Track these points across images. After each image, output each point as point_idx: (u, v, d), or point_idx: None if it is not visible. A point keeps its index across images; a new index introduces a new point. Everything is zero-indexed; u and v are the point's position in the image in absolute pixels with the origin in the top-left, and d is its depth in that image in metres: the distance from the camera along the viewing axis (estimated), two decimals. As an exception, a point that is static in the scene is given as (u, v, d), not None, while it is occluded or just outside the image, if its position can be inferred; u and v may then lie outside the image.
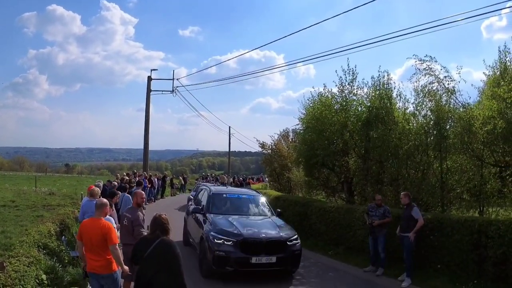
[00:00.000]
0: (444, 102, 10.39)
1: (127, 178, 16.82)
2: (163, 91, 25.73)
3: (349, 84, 12.88)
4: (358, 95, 12.94)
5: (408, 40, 23.56)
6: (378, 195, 9.41)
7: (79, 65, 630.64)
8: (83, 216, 7.63)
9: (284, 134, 25.91)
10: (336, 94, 13.30)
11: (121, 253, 5.00)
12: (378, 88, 12.18)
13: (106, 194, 9.70)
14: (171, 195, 26.54)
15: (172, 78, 25.78)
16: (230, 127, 49.48)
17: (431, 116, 10.67)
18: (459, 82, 10.15)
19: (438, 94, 10.43)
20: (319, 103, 13.46)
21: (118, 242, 5.01)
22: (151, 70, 25.77)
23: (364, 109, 12.66)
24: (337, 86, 13.13)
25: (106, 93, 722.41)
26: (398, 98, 11.94)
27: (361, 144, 12.70)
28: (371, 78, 12.48)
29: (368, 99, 12.63)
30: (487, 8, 9.73)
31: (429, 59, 10.44)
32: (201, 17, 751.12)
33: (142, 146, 25.64)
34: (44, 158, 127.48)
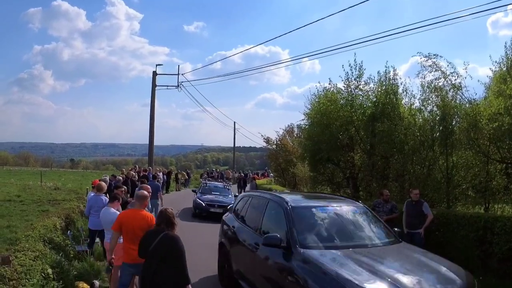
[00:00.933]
0: (450, 98, 10.33)
1: (133, 173, 16.81)
2: (168, 86, 25.73)
3: (355, 79, 12.85)
4: (363, 90, 12.91)
5: (413, 36, 23.38)
6: (386, 191, 9.00)
7: (84, 60, 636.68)
8: (89, 210, 7.72)
9: (289, 130, 25.95)
10: (341, 89, 13.27)
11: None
12: (384, 83, 12.15)
13: (111, 188, 9.76)
14: (176, 190, 26.74)
15: (177, 73, 25.77)
16: (235, 122, 49.57)
17: (437, 111, 10.63)
18: (465, 78, 10.12)
19: (445, 90, 10.38)
20: (325, 98, 13.43)
21: None
22: (157, 65, 25.71)
23: (369, 104, 12.61)
24: (343, 81, 13.12)
25: (111, 88, 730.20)
26: (404, 93, 11.93)
27: (366, 139, 12.67)
28: (377, 73, 12.48)
29: (374, 94, 12.59)
30: (493, 3, 9.62)
31: (433, 57, 10.41)
32: (206, 12, 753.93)
33: (147, 141, 25.63)
34: (49, 153, 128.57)
